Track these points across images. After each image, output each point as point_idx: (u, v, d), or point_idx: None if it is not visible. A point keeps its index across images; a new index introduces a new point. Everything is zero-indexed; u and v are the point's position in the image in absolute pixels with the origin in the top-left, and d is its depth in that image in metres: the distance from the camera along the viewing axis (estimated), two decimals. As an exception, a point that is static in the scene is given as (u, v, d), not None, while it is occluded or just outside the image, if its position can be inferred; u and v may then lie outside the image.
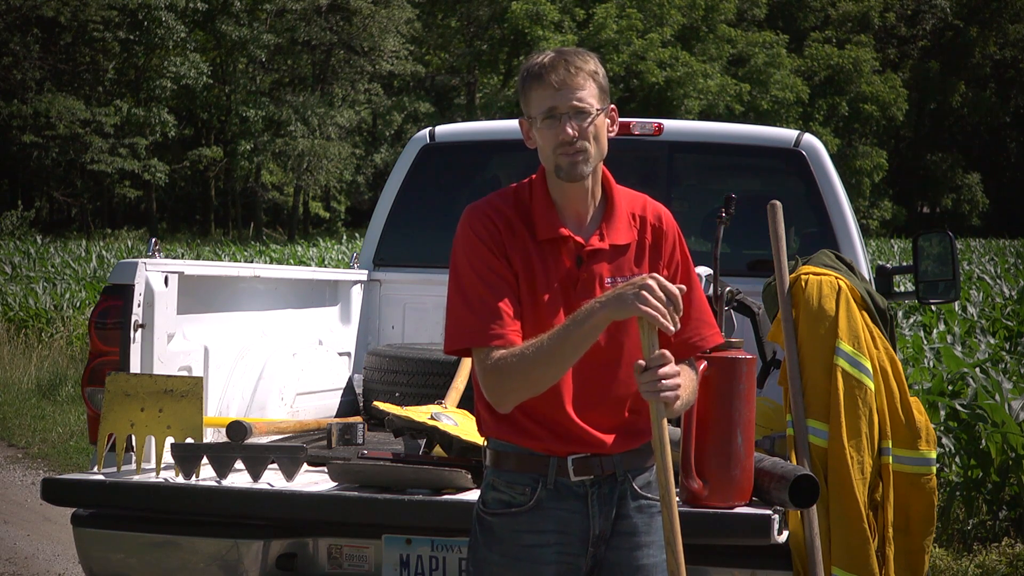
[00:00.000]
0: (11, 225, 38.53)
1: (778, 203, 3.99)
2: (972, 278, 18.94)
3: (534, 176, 3.02)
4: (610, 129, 2.98)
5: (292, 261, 25.95)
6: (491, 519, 2.95)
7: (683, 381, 2.81)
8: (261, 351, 4.74)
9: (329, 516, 3.79)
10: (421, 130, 5.95)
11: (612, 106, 2.99)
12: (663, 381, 2.72)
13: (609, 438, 2.93)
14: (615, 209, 2.99)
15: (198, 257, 28.07)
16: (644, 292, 2.70)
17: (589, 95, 2.91)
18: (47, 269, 23.40)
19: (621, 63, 46.24)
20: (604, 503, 2.95)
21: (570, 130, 2.88)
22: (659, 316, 2.69)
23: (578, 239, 2.94)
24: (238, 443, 4.05)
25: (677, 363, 2.83)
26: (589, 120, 2.91)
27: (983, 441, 7.09)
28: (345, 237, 39.95)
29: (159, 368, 4.15)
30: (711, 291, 4.41)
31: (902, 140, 62.82)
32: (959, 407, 7.32)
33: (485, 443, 3.03)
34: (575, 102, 2.89)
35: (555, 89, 2.89)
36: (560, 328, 2.79)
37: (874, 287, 4.80)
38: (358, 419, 4.83)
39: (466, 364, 4.77)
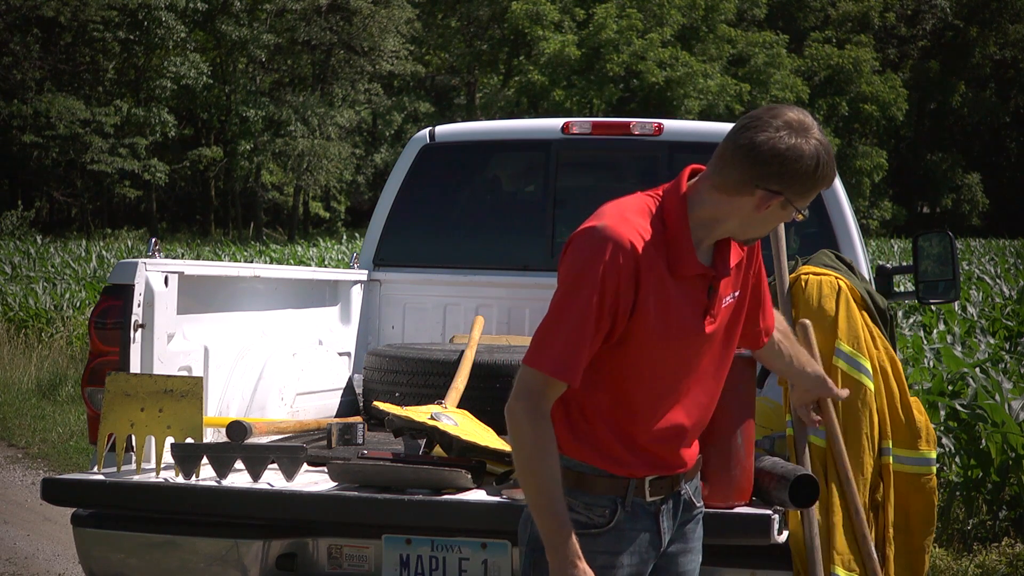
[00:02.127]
0: (11, 225, 38.55)
1: None
2: (972, 278, 18.94)
3: (663, 198, 2.88)
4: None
5: (292, 261, 25.96)
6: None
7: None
8: (261, 351, 4.74)
9: (329, 516, 3.79)
10: (421, 130, 5.95)
11: None
12: None
13: (683, 458, 2.96)
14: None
15: (198, 257, 28.07)
16: None
17: None
18: (47, 269, 23.40)
19: (621, 63, 46.22)
20: (672, 518, 2.99)
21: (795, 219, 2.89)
22: None
23: (710, 270, 2.88)
24: (238, 443, 4.04)
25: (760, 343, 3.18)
26: None
27: (983, 441, 7.09)
28: (345, 237, 39.95)
29: (159, 368, 4.15)
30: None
31: (902, 140, 62.81)
32: (959, 407, 7.32)
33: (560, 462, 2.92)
34: None
35: (815, 193, 2.85)
36: (555, 495, 2.75)
37: (874, 287, 4.80)
38: (358, 419, 4.83)
39: (466, 364, 4.77)
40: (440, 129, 5.90)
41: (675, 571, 3.02)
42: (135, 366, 4.09)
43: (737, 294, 2.98)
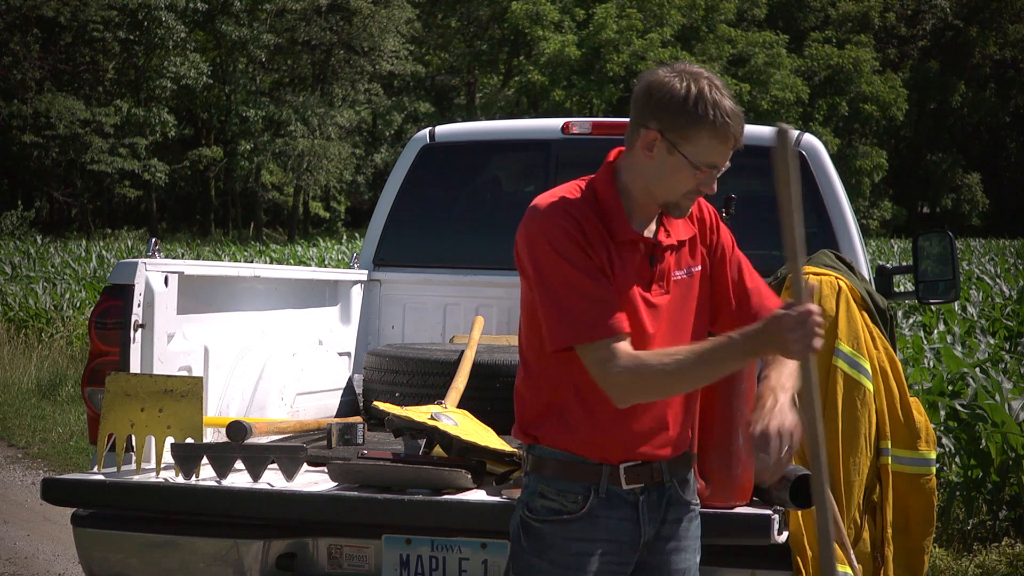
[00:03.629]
0: (11, 225, 38.55)
1: (788, 127, 3.77)
2: (972, 278, 18.94)
3: (593, 176, 2.93)
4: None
5: (292, 261, 25.96)
6: (540, 526, 2.91)
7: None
8: (261, 351, 4.74)
9: (329, 516, 3.79)
10: (421, 130, 5.95)
11: None
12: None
13: (662, 446, 2.93)
14: None
15: (198, 257, 28.07)
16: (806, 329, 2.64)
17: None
18: (47, 269, 23.40)
19: (621, 63, 46.22)
20: (653, 510, 2.95)
21: (714, 188, 2.86)
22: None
23: (649, 240, 2.91)
24: (238, 443, 4.04)
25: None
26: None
27: (983, 441, 7.09)
28: (345, 237, 39.96)
29: (159, 368, 4.15)
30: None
31: (902, 140, 62.81)
32: (959, 407, 7.32)
33: (525, 448, 2.98)
34: (727, 163, 2.86)
35: (728, 149, 2.83)
36: (706, 351, 2.73)
37: (874, 287, 4.80)
38: (358, 419, 4.83)
39: (466, 364, 4.77)
40: (440, 129, 5.89)
41: (668, 569, 2.99)
42: (135, 366, 4.09)
43: (696, 270, 2.96)
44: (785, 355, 2.73)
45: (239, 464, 3.92)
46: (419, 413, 4.13)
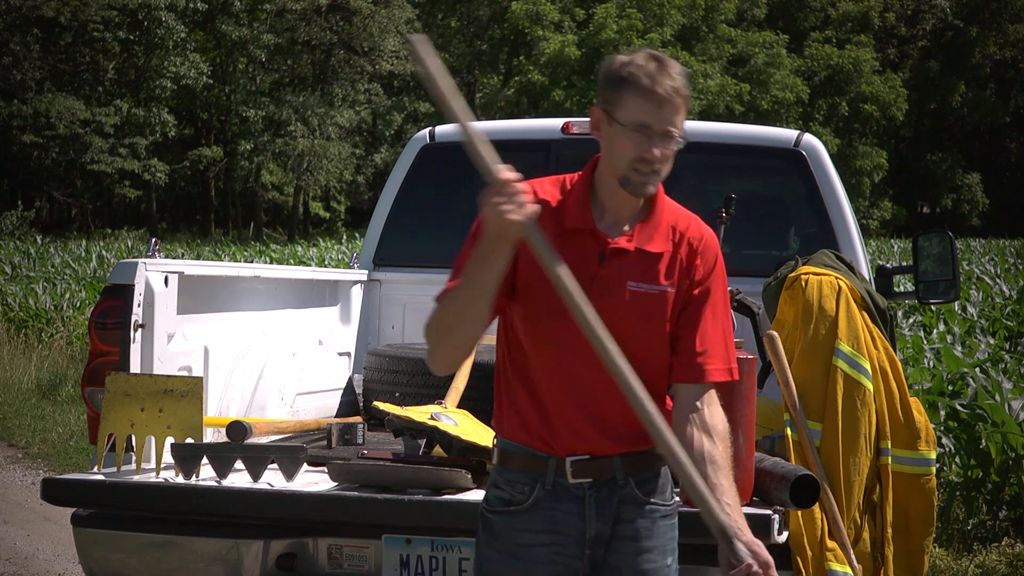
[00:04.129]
0: (11, 225, 38.55)
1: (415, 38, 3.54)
2: (972, 278, 18.94)
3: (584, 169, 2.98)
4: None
5: (292, 261, 25.96)
6: (491, 517, 2.95)
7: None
8: (261, 351, 4.74)
9: (329, 516, 3.79)
10: (421, 130, 5.95)
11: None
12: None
13: (610, 441, 2.91)
14: (655, 218, 2.94)
15: (198, 257, 28.08)
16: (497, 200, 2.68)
17: (680, 120, 2.86)
18: (47, 269, 23.40)
19: (621, 63, 46.14)
20: (603, 506, 2.93)
21: (657, 153, 2.82)
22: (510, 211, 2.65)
23: (603, 235, 2.90)
24: (238, 443, 4.04)
25: (675, 382, 2.91)
26: (673, 145, 2.86)
27: (983, 441, 7.09)
28: (345, 237, 39.95)
29: (159, 368, 4.15)
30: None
31: (902, 140, 62.80)
32: (959, 407, 7.32)
33: (495, 441, 3.03)
34: (669, 126, 2.83)
35: (657, 106, 2.81)
36: (458, 265, 2.84)
37: (874, 287, 4.81)
38: (358, 419, 4.83)
39: (466, 364, 4.77)
40: (440, 129, 5.89)
41: (632, 570, 2.95)
42: (135, 366, 4.09)
43: (666, 290, 2.90)
44: (506, 231, 2.69)
45: (239, 464, 3.92)
46: (419, 413, 4.14)
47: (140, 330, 4.11)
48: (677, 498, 3.05)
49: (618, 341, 2.79)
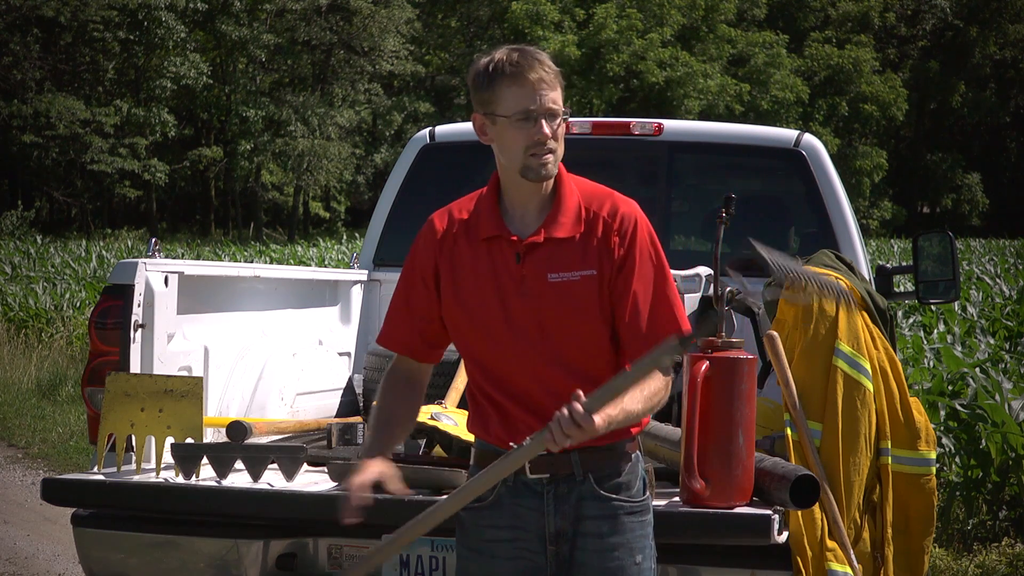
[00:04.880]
0: (11, 225, 38.54)
1: None
2: (972, 278, 18.93)
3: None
4: (570, 130, 3.02)
5: (292, 261, 25.96)
6: (462, 514, 2.98)
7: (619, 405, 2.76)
8: (261, 351, 4.74)
9: (329, 516, 3.78)
10: (421, 130, 5.95)
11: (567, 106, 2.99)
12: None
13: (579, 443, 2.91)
14: (562, 203, 2.95)
15: (198, 257, 28.07)
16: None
17: (559, 96, 2.93)
18: (47, 269, 23.39)
19: (621, 63, 46.21)
20: (561, 502, 2.94)
21: (547, 131, 2.88)
22: None
23: (514, 236, 2.94)
24: (238, 443, 4.04)
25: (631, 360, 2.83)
26: (559, 122, 2.91)
27: (983, 441, 7.09)
28: (345, 237, 39.95)
29: (159, 368, 4.15)
30: (711, 291, 4.40)
31: (902, 140, 62.78)
32: (959, 407, 7.32)
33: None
34: (551, 104, 2.89)
35: (532, 89, 2.88)
36: (373, 422, 3.04)
37: (874, 287, 4.81)
38: (358, 419, 4.83)
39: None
40: (440, 129, 5.90)
41: (597, 567, 2.95)
42: (135, 366, 4.09)
43: (585, 274, 2.90)
44: None
45: (239, 464, 3.92)
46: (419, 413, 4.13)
47: (140, 330, 4.11)
48: (648, 495, 3.03)
49: (553, 335, 2.90)
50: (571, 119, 5.64)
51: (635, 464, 3.01)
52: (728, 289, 4.51)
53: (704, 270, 4.86)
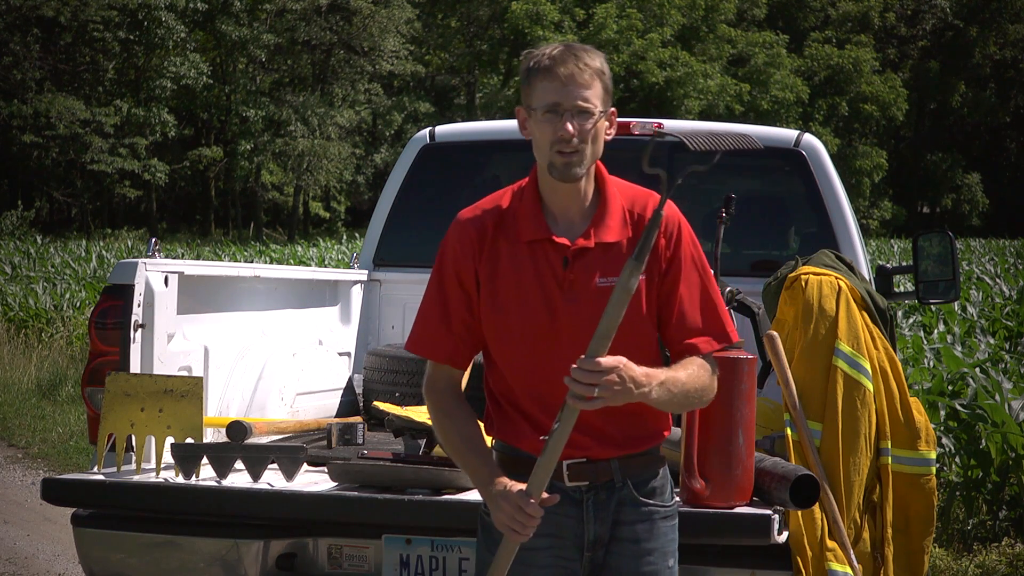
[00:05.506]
0: (11, 225, 38.54)
1: None
2: (972, 278, 18.93)
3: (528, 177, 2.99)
4: (608, 132, 2.91)
5: (292, 261, 25.95)
6: (489, 519, 2.93)
7: (658, 376, 2.77)
8: (261, 351, 4.74)
9: (329, 516, 3.79)
10: (421, 130, 5.95)
11: (612, 109, 2.92)
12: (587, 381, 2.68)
13: (604, 443, 2.90)
14: (607, 206, 2.93)
15: (198, 257, 28.07)
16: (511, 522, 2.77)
17: (594, 95, 2.85)
18: (47, 269, 23.39)
19: (621, 63, 46.20)
20: (601, 509, 2.93)
21: (571, 128, 2.81)
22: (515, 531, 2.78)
23: (562, 240, 2.89)
24: (238, 443, 4.04)
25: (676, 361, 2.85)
26: (591, 121, 2.84)
27: (983, 441, 7.09)
28: (345, 237, 39.95)
29: (159, 368, 4.15)
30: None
31: (902, 140, 62.79)
32: (959, 407, 7.32)
33: (492, 445, 3.03)
34: (580, 101, 2.83)
35: (562, 84, 2.83)
36: (464, 451, 2.92)
37: (874, 287, 4.80)
38: (358, 419, 4.83)
39: (466, 364, 4.76)
40: (440, 129, 5.89)
41: (634, 571, 2.95)
42: (135, 366, 4.09)
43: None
44: (500, 530, 2.82)
45: (239, 464, 3.92)
46: (419, 413, 4.14)
47: (140, 330, 4.10)
48: (677, 499, 3.04)
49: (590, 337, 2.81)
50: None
51: (666, 469, 3.03)
52: (728, 289, 4.51)
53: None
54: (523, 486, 2.77)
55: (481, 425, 3.00)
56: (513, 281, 2.90)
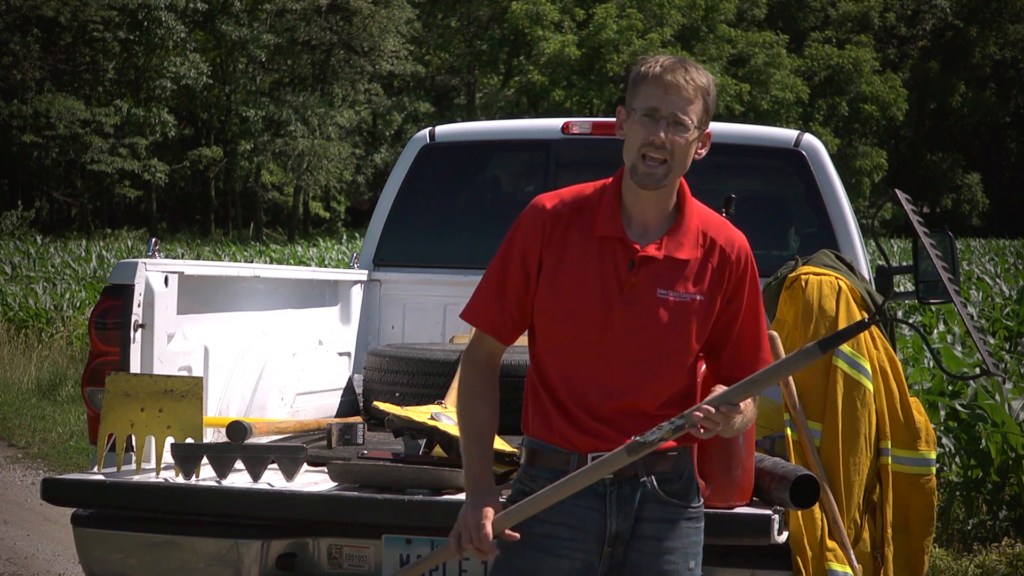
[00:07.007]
0: (11, 225, 38.54)
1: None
2: (972, 278, 18.93)
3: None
4: (699, 152, 2.97)
5: (292, 261, 25.96)
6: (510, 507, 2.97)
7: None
8: (261, 351, 4.74)
9: (329, 516, 3.79)
10: (421, 130, 5.95)
11: (708, 131, 2.97)
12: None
13: (630, 437, 2.91)
14: (684, 223, 2.98)
15: (198, 257, 28.07)
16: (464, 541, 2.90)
17: (693, 110, 2.90)
18: (47, 269, 23.39)
19: (621, 63, 46.20)
20: (624, 503, 2.95)
21: (663, 135, 2.86)
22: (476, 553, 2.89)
23: (632, 243, 2.93)
24: (238, 443, 4.04)
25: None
26: (684, 135, 2.89)
27: (983, 441, 7.09)
28: (345, 237, 39.95)
29: (159, 368, 4.15)
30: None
31: (902, 140, 62.78)
32: (959, 407, 7.32)
33: (522, 441, 3.07)
34: (678, 111, 2.88)
35: (664, 91, 2.87)
36: (470, 436, 2.98)
37: (874, 287, 4.80)
38: (358, 419, 4.83)
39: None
40: (440, 129, 5.90)
41: (654, 569, 2.97)
42: (135, 366, 4.09)
43: (695, 298, 2.95)
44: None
45: (239, 464, 3.92)
46: (419, 413, 4.13)
47: (140, 330, 4.11)
48: (701, 502, 3.07)
49: (646, 346, 2.90)
50: (571, 119, 5.68)
51: (693, 471, 3.06)
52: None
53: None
54: (501, 507, 2.89)
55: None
56: (576, 271, 2.94)
